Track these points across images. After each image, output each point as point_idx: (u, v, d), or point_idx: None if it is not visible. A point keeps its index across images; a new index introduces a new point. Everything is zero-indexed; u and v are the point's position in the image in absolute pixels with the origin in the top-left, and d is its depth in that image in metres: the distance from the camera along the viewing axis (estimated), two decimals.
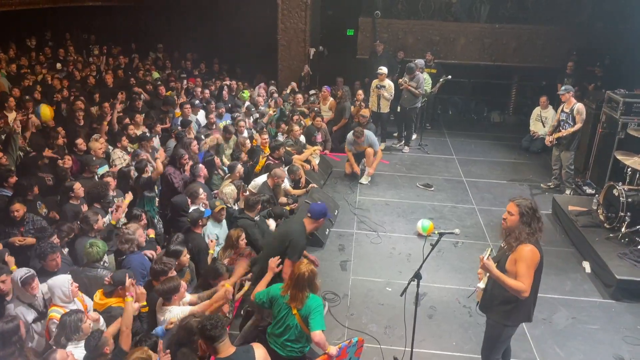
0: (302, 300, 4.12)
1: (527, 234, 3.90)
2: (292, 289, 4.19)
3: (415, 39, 12.89)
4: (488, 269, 3.99)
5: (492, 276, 4.00)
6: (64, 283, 4.28)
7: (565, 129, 8.32)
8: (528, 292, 3.87)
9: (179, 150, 7.28)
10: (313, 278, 4.20)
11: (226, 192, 6.78)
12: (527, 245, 3.88)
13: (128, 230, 5.11)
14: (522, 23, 12.74)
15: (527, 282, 3.85)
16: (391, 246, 7.11)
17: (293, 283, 4.19)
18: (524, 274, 3.85)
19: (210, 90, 10.84)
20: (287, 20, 12.76)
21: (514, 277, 3.90)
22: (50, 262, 4.64)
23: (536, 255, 3.89)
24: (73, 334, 3.90)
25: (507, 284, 3.89)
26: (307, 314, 4.13)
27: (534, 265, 3.88)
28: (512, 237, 3.98)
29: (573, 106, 8.25)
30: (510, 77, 13.31)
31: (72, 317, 3.95)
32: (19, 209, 5.43)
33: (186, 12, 14.30)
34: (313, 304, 4.17)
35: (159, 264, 4.62)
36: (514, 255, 3.93)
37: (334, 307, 5.78)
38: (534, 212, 3.93)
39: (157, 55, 14.01)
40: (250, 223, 6.19)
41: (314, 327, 4.08)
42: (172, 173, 6.96)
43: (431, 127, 12.27)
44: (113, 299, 4.51)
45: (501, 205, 8.38)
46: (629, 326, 5.61)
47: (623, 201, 6.64)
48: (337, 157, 10.10)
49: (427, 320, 5.62)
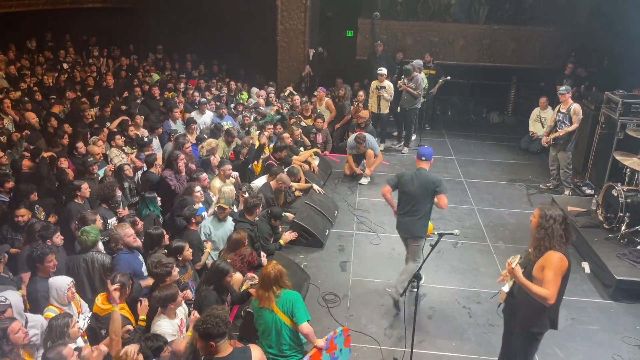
0: (270, 299, 4.22)
1: (541, 239, 3.87)
2: (260, 290, 4.32)
3: (414, 40, 12.93)
4: (515, 275, 3.93)
5: (518, 282, 3.96)
6: (62, 285, 4.29)
7: (561, 129, 8.35)
8: (553, 299, 3.81)
9: (174, 152, 7.25)
10: (280, 277, 4.30)
11: (224, 192, 6.68)
12: (556, 253, 3.83)
13: (113, 229, 5.15)
14: (521, 24, 12.77)
15: (553, 289, 3.80)
16: (391, 247, 7.11)
17: (260, 284, 4.33)
18: (551, 280, 3.80)
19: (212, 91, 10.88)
20: (287, 21, 12.77)
21: (540, 284, 3.86)
22: (47, 264, 4.60)
23: (564, 263, 3.84)
24: (58, 338, 3.80)
25: (533, 291, 3.84)
26: (289, 309, 4.23)
27: (561, 273, 3.83)
28: (537, 243, 3.94)
29: (570, 106, 8.27)
30: (509, 78, 13.35)
31: (58, 321, 3.88)
32: (24, 214, 5.44)
33: (185, 13, 14.30)
34: (291, 297, 4.29)
35: (160, 267, 4.61)
36: (541, 261, 3.89)
37: (333, 308, 5.78)
38: (554, 220, 3.87)
39: (156, 57, 14.04)
40: (249, 227, 6.16)
41: (300, 319, 4.21)
42: (169, 176, 6.92)
43: (430, 128, 12.29)
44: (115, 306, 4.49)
45: (500, 205, 8.41)
46: (628, 327, 5.61)
47: (622, 202, 6.65)
48: (337, 157, 10.11)
49: (427, 321, 5.62)
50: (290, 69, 13.18)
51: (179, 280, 5.03)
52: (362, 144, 8.79)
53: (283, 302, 4.27)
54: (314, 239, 6.98)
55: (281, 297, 4.29)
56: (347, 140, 9.27)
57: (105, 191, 5.97)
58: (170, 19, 14.25)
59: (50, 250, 4.64)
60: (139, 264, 5.13)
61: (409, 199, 5.60)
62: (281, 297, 4.29)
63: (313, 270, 6.45)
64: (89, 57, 13.56)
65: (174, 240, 5.22)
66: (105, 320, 4.35)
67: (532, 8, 12.98)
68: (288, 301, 4.28)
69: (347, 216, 7.96)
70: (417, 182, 5.54)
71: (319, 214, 7.44)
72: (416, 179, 5.57)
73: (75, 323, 3.98)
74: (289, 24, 12.80)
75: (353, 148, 9.00)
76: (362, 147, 8.86)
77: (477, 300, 6.00)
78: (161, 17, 14.56)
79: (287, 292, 4.34)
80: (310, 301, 5.70)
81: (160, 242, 5.18)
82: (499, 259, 6.87)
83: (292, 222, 7.05)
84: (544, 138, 8.78)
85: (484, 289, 6.21)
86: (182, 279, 5.11)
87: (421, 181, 5.52)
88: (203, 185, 6.77)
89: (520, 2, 13.06)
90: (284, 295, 4.29)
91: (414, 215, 5.58)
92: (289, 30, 12.86)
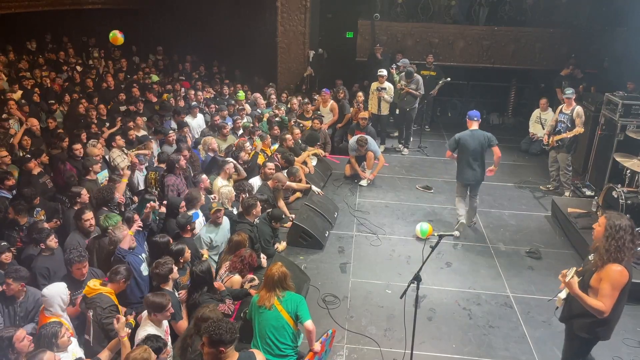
0: (271, 299, 4.32)
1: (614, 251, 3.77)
2: (263, 291, 4.41)
3: (415, 41, 12.94)
4: (570, 288, 3.89)
5: (573, 295, 3.91)
6: (61, 291, 4.23)
7: (563, 130, 8.33)
8: (608, 313, 3.77)
9: (173, 155, 7.08)
10: (284, 279, 4.42)
11: (223, 192, 6.64)
12: (617, 266, 3.76)
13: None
14: (521, 26, 12.78)
15: (609, 303, 3.74)
16: (391, 248, 7.11)
17: (264, 284, 4.42)
18: (607, 294, 3.74)
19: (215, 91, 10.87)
20: (287, 22, 12.78)
21: (596, 294, 3.80)
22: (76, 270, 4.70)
23: (624, 277, 3.76)
24: (48, 347, 3.71)
25: (587, 304, 3.80)
26: (294, 308, 4.33)
27: (619, 287, 3.76)
28: (599, 252, 3.87)
29: (573, 108, 8.27)
30: (509, 79, 13.34)
31: (47, 330, 3.82)
32: (20, 219, 5.48)
33: (186, 14, 14.31)
34: (296, 297, 4.43)
35: (160, 267, 4.61)
36: (600, 273, 3.82)
37: (333, 310, 5.78)
38: (624, 231, 3.78)
39: (156, 58, 14.03)
40: (249, 228, 6.14)
41: (305, 317, 4.33)
42: (172, 185, 6.78)
43: (430, 129, 12.30)
44: (106, 287, 4.48)
45: (500, 207, 8.40)
46: (628, 328, 5.60)
47: (622, 203, 6.64)
48: (337, 159, 10.11)
49: (427, 323, 5.62)
50: (290, 70, 13.19)
51: (179, 281, 5.03)
52: (363, 147, 8.80)
53: (288, 302, 4.36)
54: (314, 240, 6.98)
55: (286, 297, 4.38)
56: (349, 143, 9.26)
57: (104, 194, 5.97)
58: (171, 20, 14.26)
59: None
60: (139, 262, 5.12)
61: (471, 154, 7.05)
62: (286, 297, 4.38)
63: (313, 272, 6.45)
64: (89, 58, 13.56)
65: (174, 243, 5.21)
66: (92, 301, 4.35)
67: (531, 9, 12.99)
68: (293, 301, 4.38)
69: (347, 217, 7.95)
70: (475, 140, 7.02)
71: (319, 216, 7.43)
72: (474, 138, 7.03)
73: (65, 332, 3.91)
74: (289, 25, 12.81)
75: (354, 150, 9.00)
76: (363, 150, 8.87)
77: (477, 302, 6.00)
78: (161, 18, 14.57)
79: (291, 293, 4.44)
80: (310, 303, 5.67)
81: (166, 250, 5.15)
82: (499, 260, 6.87)
83: (293, 224, 7.05)
84: (544, 138, 8.77)
85: (484, 291, 6.20)
86: (182, 281, 5.11)
87: (478, 139, 7.03)
88: (206, 187, 6.77)
89: (520, 3, 13.08)
90: (289, 296, 4.40)
91: (478, 167, 7.13)
92: (289, 32, 12.87)
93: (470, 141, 7.02)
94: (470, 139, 7.02)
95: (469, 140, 7.03)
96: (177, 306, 4.61)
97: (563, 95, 8.48)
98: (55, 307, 4.18)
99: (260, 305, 4.38)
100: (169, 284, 4.68)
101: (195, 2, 14.30)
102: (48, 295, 4.18)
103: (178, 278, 4.97)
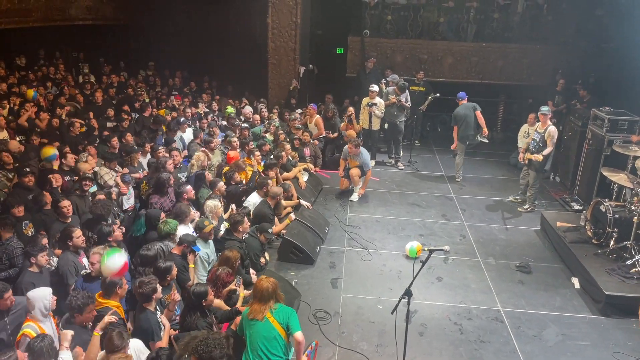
0: (264, 311, 4.37)
1: None
2: (255, 304, 4.44)
3: (404, 57, 13.08)
4: None
5: None
6: (45, 295, 4.21)
7: (534, 149, 8.41)
8: None
9: (162, 175, 6.95)
10: (276, 289, 4.50)
11: (209, 205, 6.52)
12: None
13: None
14: (508, 42, 12.97)
15: None
16: (382, 263, 7.10)
17: (256, 298, 4.47)
18: None
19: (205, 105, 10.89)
20: (277, 39, 12.86)
21: None
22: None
23: None
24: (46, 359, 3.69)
25: None
26: (285, 320, 4.39)
27: None
28: None
29: (547, 128, 8.34)
30: (497, 94, 13.50)
31: (38, 343, 3.73)
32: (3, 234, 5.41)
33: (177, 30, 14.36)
34: (287, 309, 4.51)
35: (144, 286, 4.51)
36: None
37: (324, 326, 5.74)
38: None
39: (147, 74, 14.04)
40: (237, 245, 6.08)
41: (296, 328, 4.39)
42: (155, 203, 6.70)
43: (420, 144, 12.37)
44: (111, 301, 4.47)
45: (490, 221, 8.45)
46: (618, 342, 5.63)
47: (610, 217, 6.72)
48: (328, 174, 10.12)
49: (418, 338, 5.60)
50: (280, 86, 13.24)
51: (163, 299, 4.94)
52: (357, 148, 8.82)
53: (279, 313, 4.43)
54: (305, 255, 6.96)
55: (278, 309, 4.44)
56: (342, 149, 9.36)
57: (101, 210, 5.91)
58: (162, 36, 14.30)
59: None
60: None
61: (466, 122, 9.85)
62: (277, 309, 4.44)
63: (304, 288, 6.42)
64: (79, 74, 13.53)
65: (161, 261, 5.14)
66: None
67: (518, 26, 13.19)
68: (284, 312, 4.45)
69: (338, 232, 7.95)
70: (465, 109, 9.92)
71: (309, 231, 7.42)
72: (464, 108, 9.94)
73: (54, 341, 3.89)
74: (279, 42, 12.89)
75: (347, 154, 9.09)
76: (355, 153, 8.87)
77: (468, 317, 6.00)
78: (152, 34, 14.61)
79: (282, 306, 4.51)
80: (301, 319, 5.61)
81: (166, 275, 5.05)
82: (490, 274, 6.88)
83: (283, 239, 7.03)
84: (520, 155, 8.86)
85: (474, 305, 6.20)
86: (166, 299, 5.02)
87: (467, 108, 9.91)
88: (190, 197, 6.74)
89: (507, 20, 13.28)
90: (281, 308, 4.47)
91: (472, 130, 9.91)
92: (280, 48, 12.94)
93: (462, 111, 9.90)
94: (462, 110, 9.92)
95: (461, 111, 9.93)
96: (157, 326, 4.53)
97: (539, 113, 8.53)
98: (36, 312, 4.16)
99: (251, 318, 4.39)
100: (152, 304, 4.57)
101: (186, 18, 14.37)
102: (31, 298, 4.19)
103: (162, 297, 4.88)
